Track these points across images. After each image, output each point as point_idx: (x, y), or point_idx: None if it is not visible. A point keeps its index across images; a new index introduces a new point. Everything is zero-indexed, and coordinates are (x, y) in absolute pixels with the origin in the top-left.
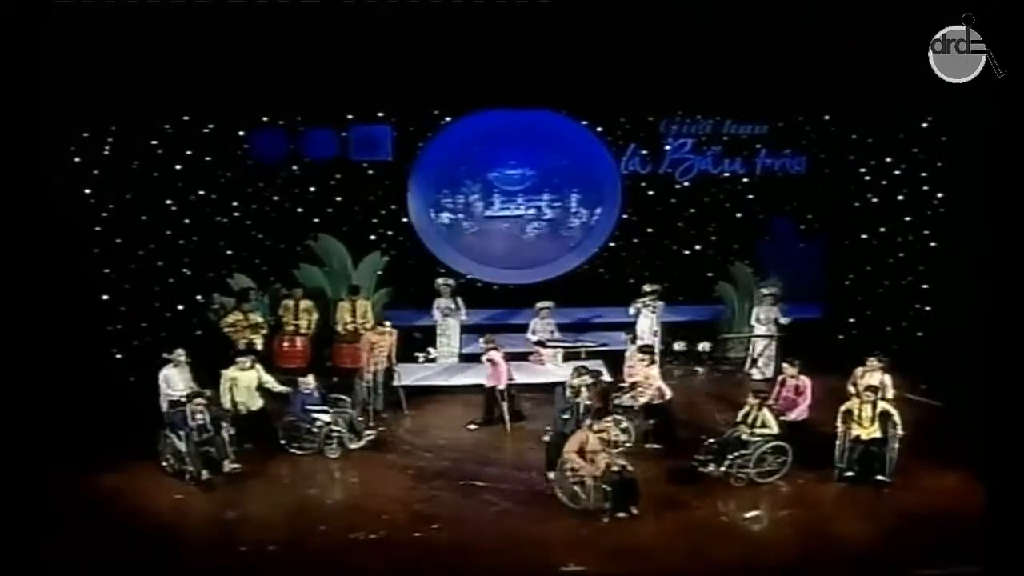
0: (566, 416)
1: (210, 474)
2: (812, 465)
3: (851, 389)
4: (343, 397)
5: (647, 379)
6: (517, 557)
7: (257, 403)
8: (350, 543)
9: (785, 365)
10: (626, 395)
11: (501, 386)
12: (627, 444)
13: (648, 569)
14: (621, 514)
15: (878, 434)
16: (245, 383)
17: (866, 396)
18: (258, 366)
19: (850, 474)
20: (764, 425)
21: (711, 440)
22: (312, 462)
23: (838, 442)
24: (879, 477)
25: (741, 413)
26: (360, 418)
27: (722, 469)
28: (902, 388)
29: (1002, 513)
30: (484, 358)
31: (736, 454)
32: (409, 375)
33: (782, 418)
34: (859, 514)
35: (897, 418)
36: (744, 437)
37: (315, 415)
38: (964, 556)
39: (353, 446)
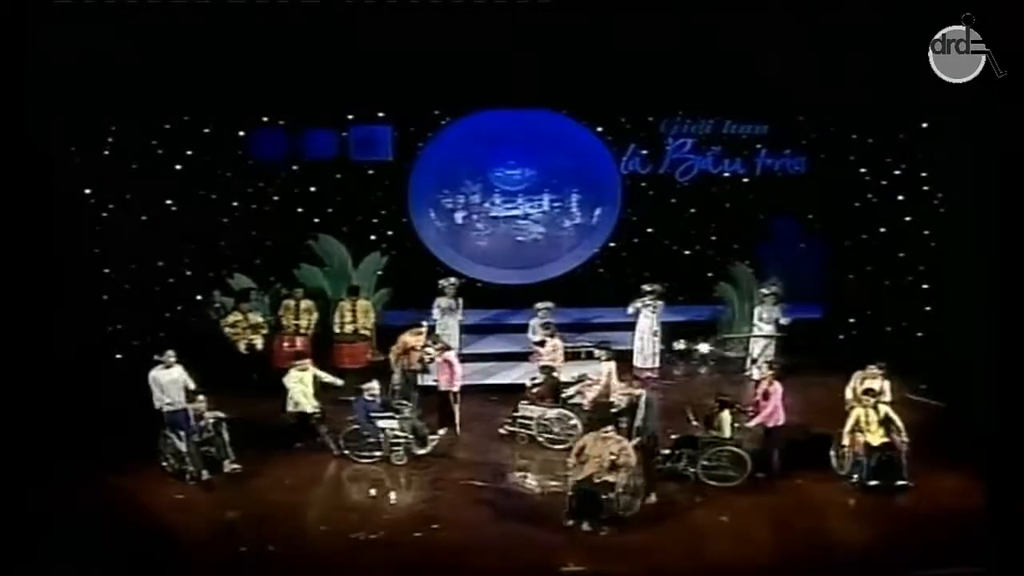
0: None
1: (210, 474)
2: (807, 466)
3: (849, 395)
4: (405, 403)
5: (602, 375)
6: (517, 557)
7: (312, 404)
8: (350, 543)
9: (756, 370)
10: (574, 389)
11: (455, 388)
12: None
13: (648, 569)
14: (581, 525)
15: (886, 439)
16: (308, 383)
17: (866, 400)
18: (312, 366)
19: (873, 483)
20: (718, 428)
21: (675, 436)
22: (314, 462)
23: (846, 451)
24: (900, 482)
25: (705, 415)
26: (421, 423)
27: (680, 465)
28: (902, 388)
29: (1003, 513)
30: (440, 359)
31: (688, 450)
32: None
33: (754, 423)
34: (860, 515)
35: (901, 425)
36: (698, 435)
37: (381, 423)
38: (965, 556)
39: (420, 452)
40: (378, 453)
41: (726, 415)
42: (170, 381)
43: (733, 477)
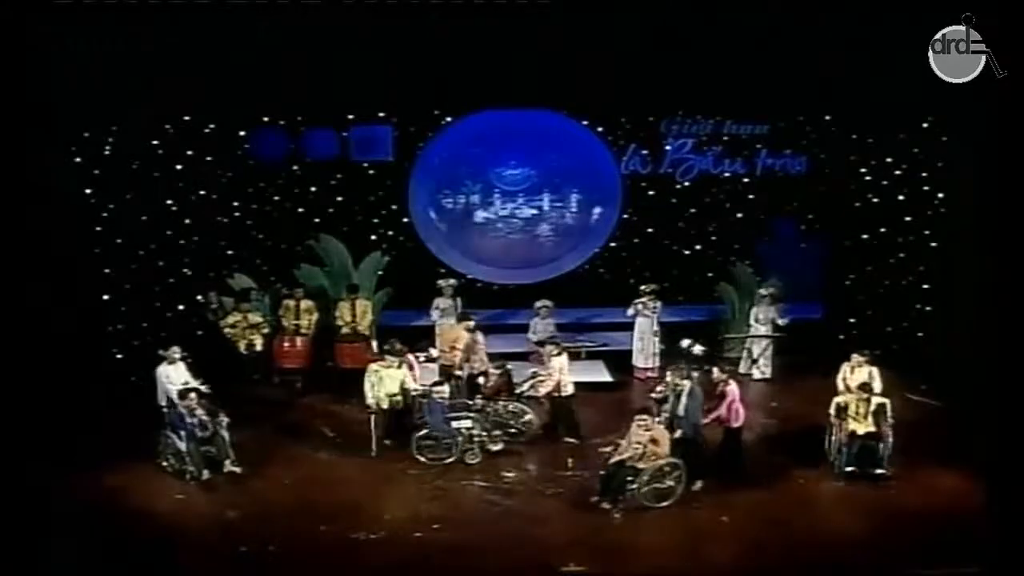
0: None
1: (210, 474)
2: (807, 465)
3: (840, 386)
4: (472, 402)
5: (553, 370)
6: (517, 557)
7: (399, 402)
8: (350, 543)
9: (715, 370)
10: (527, 384)
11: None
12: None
13: (648, 569)
14: (602, 504)
15: (872, 428)
16: (390, 380)
17: (861, 394)
18: (407, 368)
19: (850, 469)
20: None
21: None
22: (314, 462)
23: (832, 438)
24: (878, 471)
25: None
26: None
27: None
28: (902, 388)
29: (1003, 513)
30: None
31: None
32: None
33: (708, 419)
34: (860, 514)
35: (887, 404)
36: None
37: (457, 424)
38: (965, 556)
39: (494, 448)
40: (450, 456)
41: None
42: (176, 377)
43: (673, 486)
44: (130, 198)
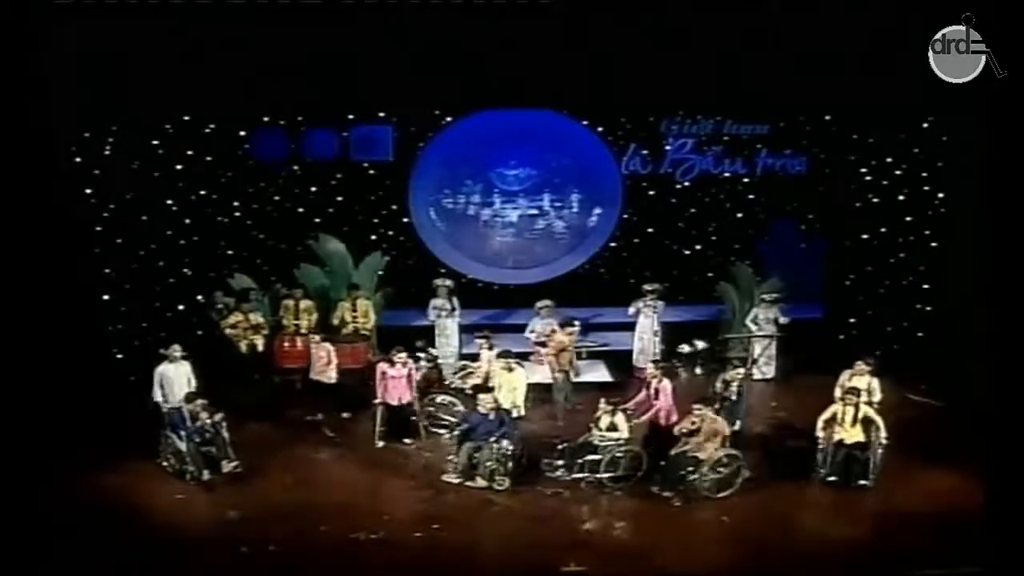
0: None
1: (210, 474)
2: (806, 467)
3: (837, 392)
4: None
5: (482, 362)
6: (517, 557)
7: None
8: (350, 543)
9: (649, 367)
10: (456, 376)
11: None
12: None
13: (648, 569)
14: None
15: (861, 438)
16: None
17: (848, 399)
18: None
19: (833, 479)
20: (614, 429)
21: (563, 444)
22: (314, 462)
23: (820, 446)
24: (861, 482)
25: (596, 417)
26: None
27: (573, 475)
28: (902, 388)
29: (1003, 513)
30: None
31: (587, 458)
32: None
33: (644, 418)
34: (860, 515)
35: (881, 424)
36: (595, 441)
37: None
38: (965, 557)
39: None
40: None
41: (620, 416)
42: (176, 376)
43: (630, 475)
44: (130, 198)
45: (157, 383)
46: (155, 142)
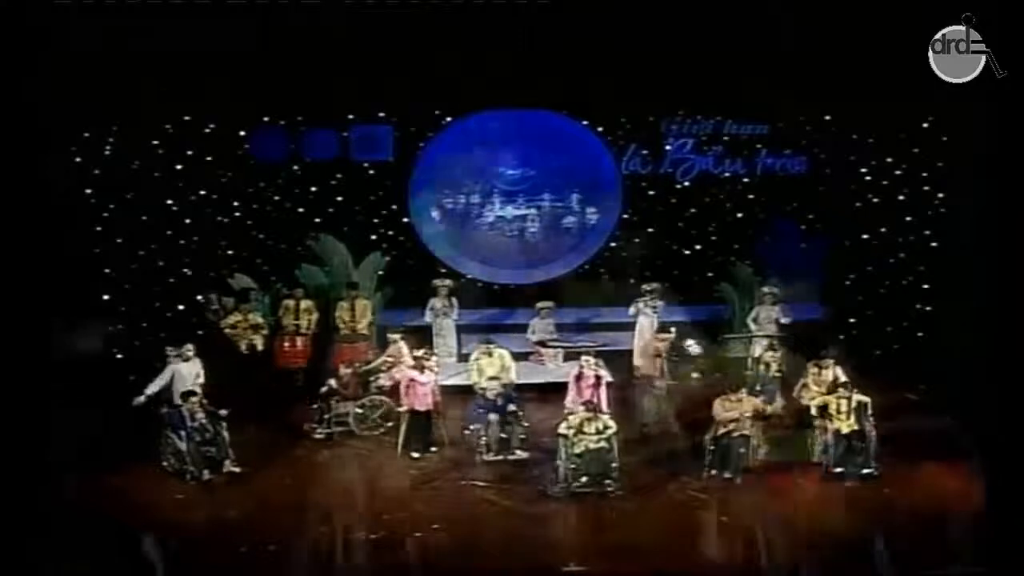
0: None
1: (210, 474)
2: (805, 465)
3: (812, 386)
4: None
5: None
6: (517, 557)
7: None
8: (351, 543)
9: (585, 358)
10: (383, 376)
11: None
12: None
13: (648, 569)
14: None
15: (856, 427)
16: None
17: (841, 392)
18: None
19: (839, 470)
20: (607, 428)
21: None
22: (313, 462)
23: (819, 437)
24: (865, 470)
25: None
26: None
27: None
28: (901, 388)
29: (1004, 513)
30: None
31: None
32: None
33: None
34: (860, 515)
35: (869, 407)
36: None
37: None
38: (965, 556)
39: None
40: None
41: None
42: (189, 374)
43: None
44: (130, 198)
45: (166, 380)
46: (155, 142)
